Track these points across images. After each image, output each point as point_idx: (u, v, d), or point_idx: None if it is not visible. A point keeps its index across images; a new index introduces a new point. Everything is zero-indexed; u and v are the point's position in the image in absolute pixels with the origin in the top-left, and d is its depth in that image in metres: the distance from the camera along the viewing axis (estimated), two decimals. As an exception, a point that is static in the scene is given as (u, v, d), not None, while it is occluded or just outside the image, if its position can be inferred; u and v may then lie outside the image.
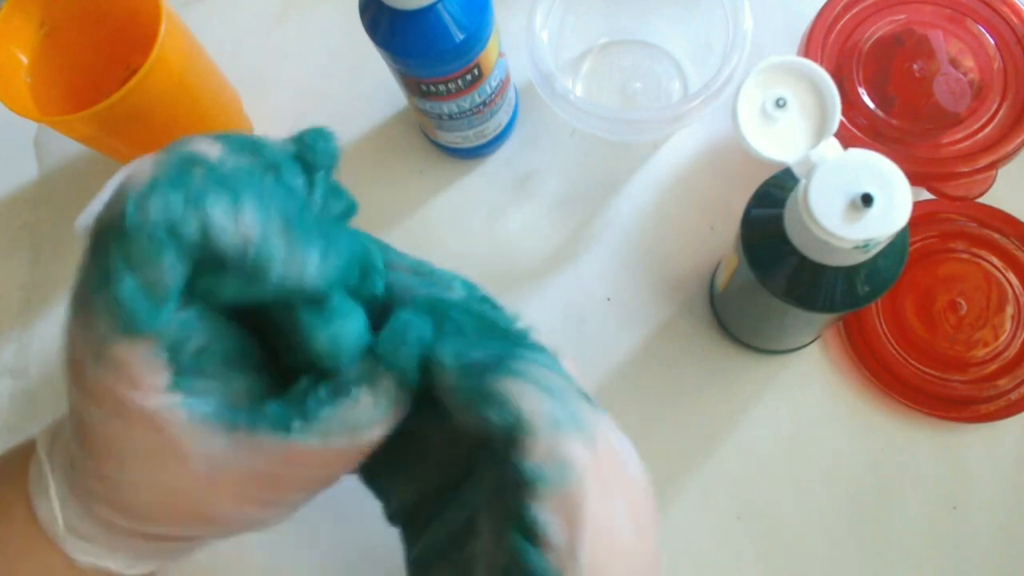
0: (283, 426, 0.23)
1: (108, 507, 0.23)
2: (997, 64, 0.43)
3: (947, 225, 0.44)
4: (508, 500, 0.21)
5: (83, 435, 0.22)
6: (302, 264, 0.22)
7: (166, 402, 0.22)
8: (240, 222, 0.21)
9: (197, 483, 0.22)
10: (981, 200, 0.42)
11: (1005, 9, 0.43)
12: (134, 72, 0.39)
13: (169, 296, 0.21)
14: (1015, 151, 0.41)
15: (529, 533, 0.20)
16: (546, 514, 0.20)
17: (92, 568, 0.24)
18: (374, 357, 0.24)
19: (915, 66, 0.43)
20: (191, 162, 0.21)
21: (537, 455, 0.20)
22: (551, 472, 0.20)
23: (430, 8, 0.36)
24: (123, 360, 0.21)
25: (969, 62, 0.43)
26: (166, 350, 0.22)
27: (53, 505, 0.23)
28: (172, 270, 0.21)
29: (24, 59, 0.43)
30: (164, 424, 0.22)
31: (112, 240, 0.21)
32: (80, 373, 0.22)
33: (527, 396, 0.21)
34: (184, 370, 0.22)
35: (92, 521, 0.23)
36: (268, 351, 0.26)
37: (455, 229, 0.48)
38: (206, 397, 0.23)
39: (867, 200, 0.28)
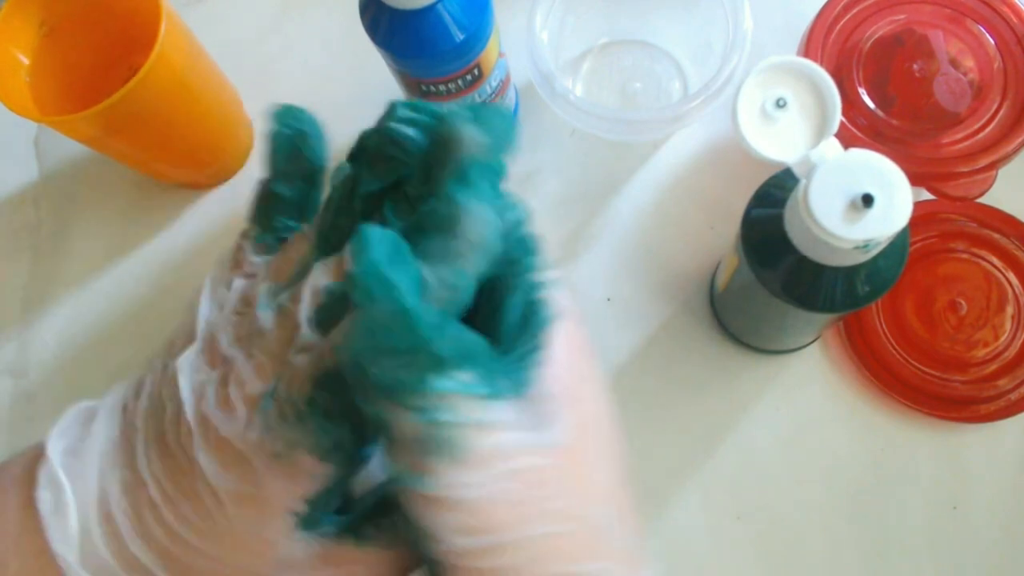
0: (358, 536, 0.22)
1: (157, 557, 0.22)
2: (997, 64, 0.43)
3: (947, 225, 0.44)
4: None
5: (181, 490, 0.21)
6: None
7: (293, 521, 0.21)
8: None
9: (271, 569, 0.22)
10: (981, 200, 0.42)
11: (1005, 9, 0.43)
12: (134, 72, 0.39)
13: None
14: (1015, 151, 0.41)
15: None
16: None
17: None
18: None
19: (915, 66, 0.43)
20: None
21: None
22: None
23: (430, 8, 0.36)
24: (300, 476, 0.20)
25: (969, 62, 0.43)
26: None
27: (71, 539, 0.22)
28: None
29: (24, 59, 0.43)
30: (276, 541, 0.21)
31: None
32: (225, 445, 0.20)
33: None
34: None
35: (118, 559, 0.22)
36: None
37: (455, 229, 0.48)
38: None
39: (867, 200, 0.28)
